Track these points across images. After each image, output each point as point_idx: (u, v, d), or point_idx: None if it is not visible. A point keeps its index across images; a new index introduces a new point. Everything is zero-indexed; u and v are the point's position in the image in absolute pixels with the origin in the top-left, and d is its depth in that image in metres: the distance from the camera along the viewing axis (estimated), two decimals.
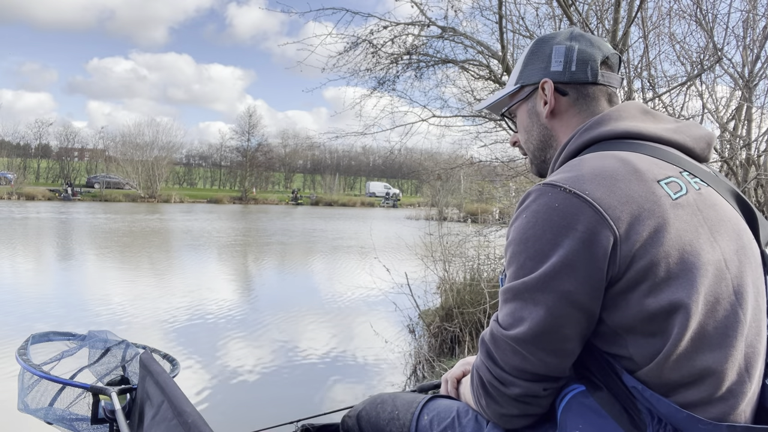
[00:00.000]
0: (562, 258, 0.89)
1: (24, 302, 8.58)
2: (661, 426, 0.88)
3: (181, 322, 7.75)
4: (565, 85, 1.12)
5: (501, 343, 0.95)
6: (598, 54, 1.12)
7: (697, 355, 0.89)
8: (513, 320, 0.94)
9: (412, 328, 7.14)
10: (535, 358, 0.92)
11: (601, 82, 1.12)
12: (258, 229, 24.37)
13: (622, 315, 0.90)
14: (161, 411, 1.34)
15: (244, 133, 57.43)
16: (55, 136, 56.83)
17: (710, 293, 0.90)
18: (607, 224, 0.88)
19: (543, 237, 0.91)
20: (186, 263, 14.12)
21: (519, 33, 6.49)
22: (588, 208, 0.89)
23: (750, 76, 5.30)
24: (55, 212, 28.50)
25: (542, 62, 1.14)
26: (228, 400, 5.16)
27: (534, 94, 1.16)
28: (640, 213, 0.89)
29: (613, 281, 0.89)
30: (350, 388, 5.64)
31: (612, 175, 0.92)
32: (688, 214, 0.92)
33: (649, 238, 0.88)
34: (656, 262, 0.88)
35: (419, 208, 35.55)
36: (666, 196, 0.92)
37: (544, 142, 1.17)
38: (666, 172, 0.96)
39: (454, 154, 10.62)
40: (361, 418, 1.27)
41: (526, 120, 1.19)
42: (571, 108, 1.13)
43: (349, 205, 51.29)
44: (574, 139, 1.07)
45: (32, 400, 1.63)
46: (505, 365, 0.95)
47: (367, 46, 6.91)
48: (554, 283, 0.89)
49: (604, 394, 0.92)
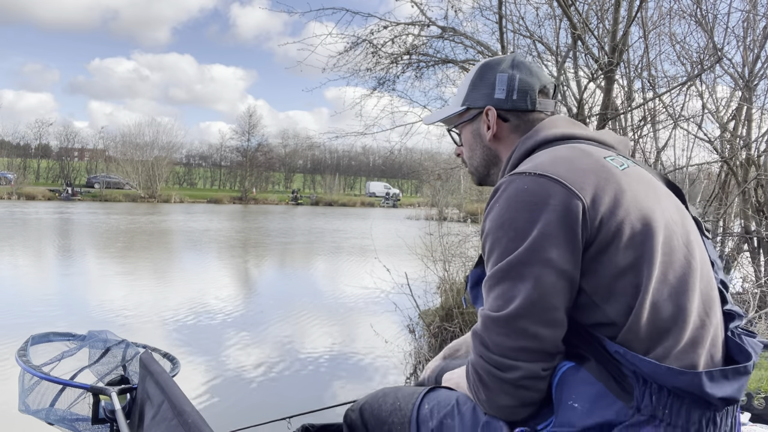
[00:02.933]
0: (541, 230, 0.96)
1: (24, 302, 8.58)
2: (647, 386, 0.93)
3: (181, 321, 7.75)
4: (506, 112, 1.24)
5: (493, 326, 0.98)
6: (537, 83, 1.24)
7: (663, 303, 0.97)
8: (503, 301, 0.98)
9: (412, 328, 7.14)
10: (528, 334, 0.96)
11: (538, 110, 1.24)
12: (258, 229, 24.37)
13: (598, 278, 0.97)
14: (161, 411, 1.34)
15: (244, 133, 57.44)
16: (55, 136, 56.81)
17: (666, 245, 1.00)
18: (575, 194, 0.97)
19: (520, 217, 0.99)
20: (186, 263, 14.13)
21: (519, 33, 6.49)
22: (555, 184, 0.99)
23: (750, 76, 5.30)
24: (55, 212, 28.50)
25: (487, 88, 1.26)
26: (228, 400, 5.16)
27: (478, 117, 1.28)
28: (599, 182, 1.00)
29: (587, 246, 0.97)
30: (350, 388, 5.64)
31: (567, 157, 1.05)
32: (635, 181, 1.04)
33: (611, 202, 0.98)
34: (621, 222, 0.97)
35: (419, 208, 35.54)
36: (615, 167, 1.05)
37: (487, 161, 1.30)
38: (606, 153, 1.10)
39: (454, 154, 10.63)
40: (364, 411, 1.29)
41: (470, 139, 1.31)
42: (511, 133, 1.25)
43: (349, 205, 51.28)
44: (517, 148, 1.19)
45: (33, 401, 1.63)
46: (502, 349, 0.98)
47: (368, 46, 6.91)
48: (538, 254, 0.96)
49: (592, 364, 0.98)
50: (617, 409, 0.94)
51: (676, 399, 0.92)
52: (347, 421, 1.33)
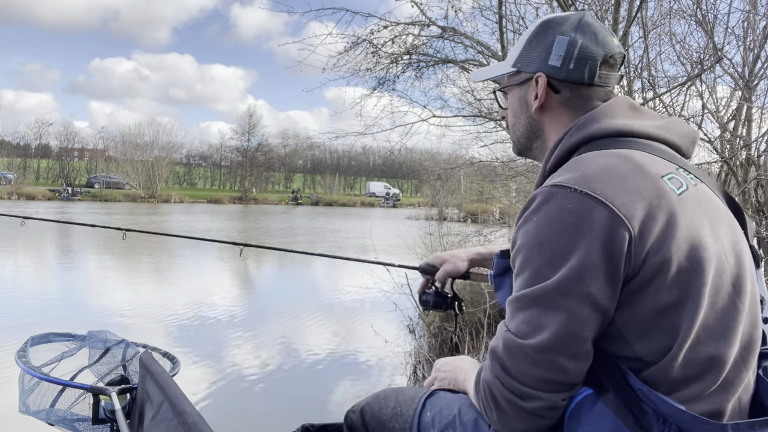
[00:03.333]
0: (582, 260, 0.87)
1: (23, 303, 8.58)
2: (666, 426, 0.88)
3: (181, 321, 7.75)
4: (559, 83, 1.10)
5: (518, 353, 0.91)
6: (600, 53, 1.07)
7: (700, 347, 0.90)
8: (531, 328, 0.90)
9: (412, 328, 7.14)
10: (556, 366, 0.89)
11: (597, 84, 1.09)
12: (258, 229, 24.36)
13: (633, 314, 0.90)
14: (161, 411, 1.34)
15: (244, 133, 57.50)
16: (55, 136, 56.93)
17: (714, 286, 0.91)
18: (622, 222, 0.87)
19: (559, 240, 0.89)
20: (186, 263, 14.13)
21: (519, 33, 6.49)
22: (601, 207, 0.88)
23: (750, 76, 5.29)
24: (56, 212, 28.49)
25: (542, 51, 1.11)
26: (228, 400, 5.16)
27: (528, 83, 1.15)
28: (650, 209, 0.89)
29: (628, 279, 0.89)
30: (350, 388, 5.64)
31: (620, 174, 0.92)
32: (692, 208, 0.93)
33: (661, 233, 0.88)
34: (669, 258, 0.88)
35: (419, 208, 35.56)
36: (671, 191, 0.92)
37: (531, 132, 1.17)
38: (666, 168, 0.97)
39: (454, 154, 10.63)
40: (365, 413, 1.26)
41: (516, 105, 1.19)
42: (561, 107, 1.12)
43: (349, 205, 51.27)
44: (566, 138, 1.06)
45: (33, 402, 1.63)
46: (524, 377, 0.91)
47: (368, 45, 6.91)
48: (575, 286, 0.87)
49: (611, 396, 0.92)
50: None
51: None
52: (348, 422, 1.30)
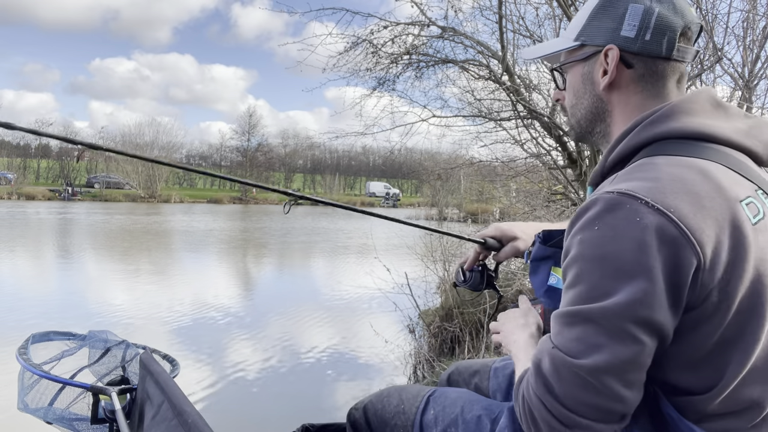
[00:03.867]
0: (648, 282, 0.79)
1: (24, 302, 8.58)
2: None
3: (181, 322, 7.75)
4: (633, 56, 0.97)
5: (567, 373, 0.81)
6: (679, 23, 0.96)
7: (744, 388, 0.86)
8: (585, 347, 0.80)
9: (412, 328, 7.14)
10: (611, 393, 0.80)
11: (675, 58, 0.97)
12: (258, 229, 24.36)
13: (685, 345, 0.84)
14: (161, 411, 1.34)
15: (244, 133, 57.55)
16: None
17: None
18: (693, 248, 0.79)
19: (623, 256, 0.80)
20: (186, 263, 14.12)
21: (519, 33, 6.49)
22: (673, 228, 0.79)
23: (750, 76, 5.29)
24: (56, 212, 28.50)
25: (612, 20, 0.98)
26: (228, 400, 5.16)
27: (594, 58, 1.01)
28: (724, 239, 0.81)
29: (688, 309, 0.82)
30: (350, 388, 5.64)
31: (696, 192, 0.83)
32: (764, 241, 0.85)
33: (730, 266, 0.81)
34: (733, 294, 0.82)
35: (419, 208, 35.55)
36: (747, 220, 0.84)
37: (594, 114, 1.05)
38: (745, 190, 0.87)
39: (454, 154, 10.61)
40: (368, 411, 1.25)
41: (578, 84, 1.06)
42: (633, 84, 0.99)
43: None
44: (635, 133, 0.94)
45: (32, 400, 1.63)
46: (572, 402, 0.81)
47: (368, 46, 6.91)
48: (640, 309, 0.79)
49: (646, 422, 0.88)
50: None
51: None
52: (350, 420, 1.29)
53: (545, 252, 1.08)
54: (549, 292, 1.11)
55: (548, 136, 6.46)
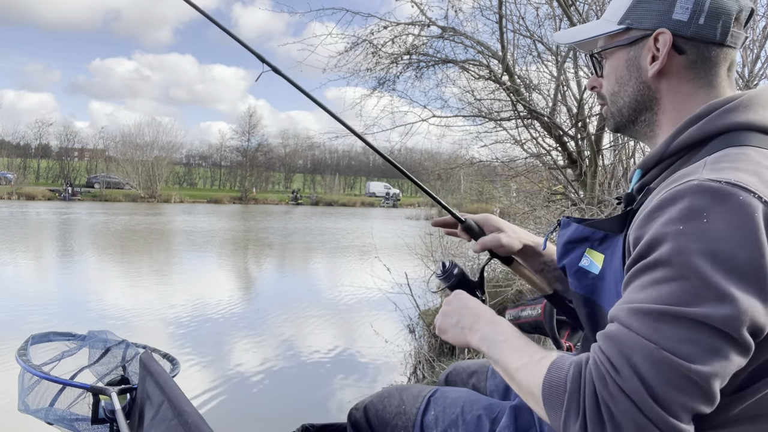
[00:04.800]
0: (765, 286, 0.72)
1: (24, 302, 8.58)
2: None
3: (181, 321, 7.75)
4: (685, 41, 0.91)
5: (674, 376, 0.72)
6: (734, 6, 0.90)
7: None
8: (700, 351, 0.72)
9: (412, 328, 7.14)
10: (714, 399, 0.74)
11: (728, 44, 0.91)
12: (259, 229, 24.37)
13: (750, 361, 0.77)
14: (161, 411, 1.34)
15: (244, 133, 57.56)
16: (56, 136, 56.90)
17: None
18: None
19: (740, 255, 0.72)
20: (186, 263, 14.13)
21: (519, 33, 6.49)
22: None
23: (750, 76, 5.29)
24: (56, 212, 28.51)
25: (663, 3, 0.92)
26: (228, 400, 5.16)
27: (641, 42, 0.95)
28: None
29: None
30: (350, 388, 5.64)
31: None
32: None
33: None
34: None
35: (419, 208, 35.54)
36: None
37: (640, 102, 0.98)
38: None
39: (454, 154, 10.62)
40: (369, 411, 1.24)
41: (622, 70, 0.99)
42: (685, 71, 0.93)
43: (349, 205, 51.29)
44: (709, 119, 0.88)
45: (33, 401, 1.63)
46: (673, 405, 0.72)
47: (368, 46, 6.92)
48: (758, 316, 0.72)
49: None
50: None
51: None
52: (351, 420, 1.28)
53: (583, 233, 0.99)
54: (579, 273, 1.02)
55: (548, 136, 6.46)
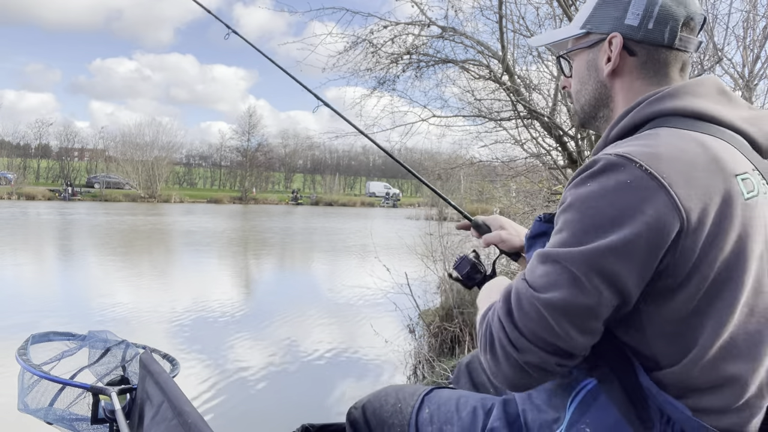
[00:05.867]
0: (621, 239, 0.82)
1: (24, 302, 8.58)
2: (669, 426, 0.87)
3: (181, 321, 7.75)
4: (636, 44, 1.01)
5: (527, 303, 0.86)
6: (682, 13, 1.00)
7: (723, 364, 0.87)
8: (547, 283, 0.85)
9: (412, 328, 7.14)
10: (560, 330, 0.85)
11: (677, 47, 1.01)
12: (259, 229, 24.37)
13: (662, 311, 0.86)
14: (161, 411, 1.34)
15: (244, 133, 57.52)
16: (56, 136, 56.84)
17: (747, 304, 0.88)
18: (678, 213, 0.82)
19: (606, 212, 0.84)
20: (187, 263, 14.12)
21: (519, 33, 6.49)
22: (662, 192, 0.83)
23: (750, 76, 5.29)
24: (56, 212, 28.50)
25: (617, 9, 1.02)
26: (228, 400, 5.16)
27: (599, 45, 1.06)
28: (712, 209, 0.84)
29: (667, 274, 0.84)
30: (350, 388, 5.64)
31: (692, 161, 0.86)
32: (753, 218, 0.88)
33: (711, 236, 0.84)
34: (712, 264, 0.84)
35: (419, 208, 35.53)
36: (739, 194, 0.87)
37: (598, 100, 1.08)
38: (744, 167, 0.90)
39: (454, 154, 10.61)
40: (366, 410, 1.27)
41: (583, 71, 1.10)
42: (636, 70, 1.03)
43: (349, 205, 51.29)
44: (640, 107, 0.98)
45: (32, 400, 1.63)
46: (526, 330, 0.86)
47: (367, 45, 6.91)
48: (604, 262, 0.82)
49: (616, 389, 0.90)
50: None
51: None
52: (350, 419, 1.30)
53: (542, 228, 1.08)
54: None
55: (548, 136, 6.46)
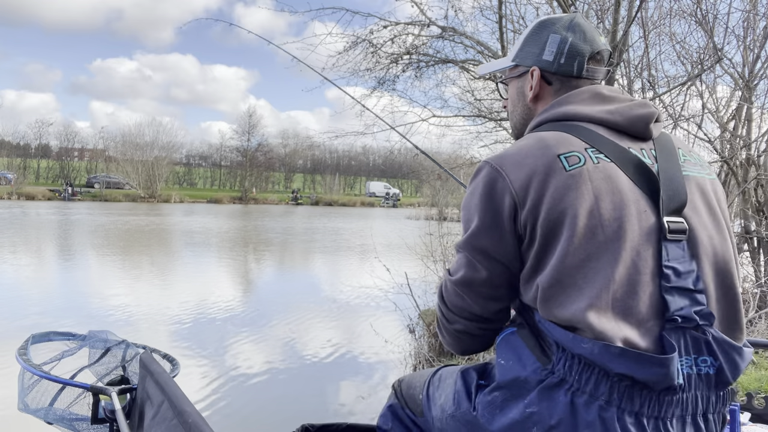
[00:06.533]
0: (480, 221, 1.12)
1: (24, 302, 8.58)
2: (564, 354, 1.03)
3: (181, 321, 7.75)
4: (551, 75, 1.27)
5: (448, 285, 1.19)
6: (588, 50, 1.25)
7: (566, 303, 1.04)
8: (455, 268, 1.18)
9: (412, 328, 7.14)
10: (470, 300, 1.16)
11: (584, 76, 1.26)
12: (259, 228, 24.36)
13: (530, 267, 1.10)
14: (161, 411, 1.34)
15: (244, 133, 57.49)
16: (56, 135, 56.84)
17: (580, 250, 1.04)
18: (510, 192, 1.09)
19: (471, 205, 1.14)
20: (187, 263, 14.13)
21: (519, 33, 6.49)
22: (501, 179, 1.11)
23: (750, 76, 5.29)
24: (56, 212, 28.50)
25: (537, 47, 1.28)
26: (228, 400, 5.16)
27: (525, 75, 1.31)
28: (534, 182, 1.08)
29: (521, 240, 1.10)
30: (350, 388, 5.65)
31: (525, 151, 1.13)
32: (578, 183, 1.07)
33: (538, 202, 1.07)
34: (544, 223, 1.06)
35: (419, 208, 35.53)
36: (561, 168, 1.08)
37: (525, 119, 1.34)
38: (570, 147, 1.12)
39: (455, 154, 10.62)
40: (402, 383, 1.52)
41: (514, 95, 1.36)
42: (551, 96, 1.28)
43: (349, 204, 51.29)
44: (532, 121, 1.27)
45: (32, 400, 1.63)
46: (450, 305, 1.20)
47: (367, 45, 6.91)
48: (475, 241, 1.13)
49: (525, 332, 1.13)
50: (534, 369, 1.06)
51: (586, 367, 1.01)
52: (393, 388, 1.55)
53: None
54: None
55: None
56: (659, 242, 1.07)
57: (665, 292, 1.04)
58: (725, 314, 1.10)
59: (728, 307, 1.11)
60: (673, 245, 1.08)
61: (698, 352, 1.04)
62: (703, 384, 1.04)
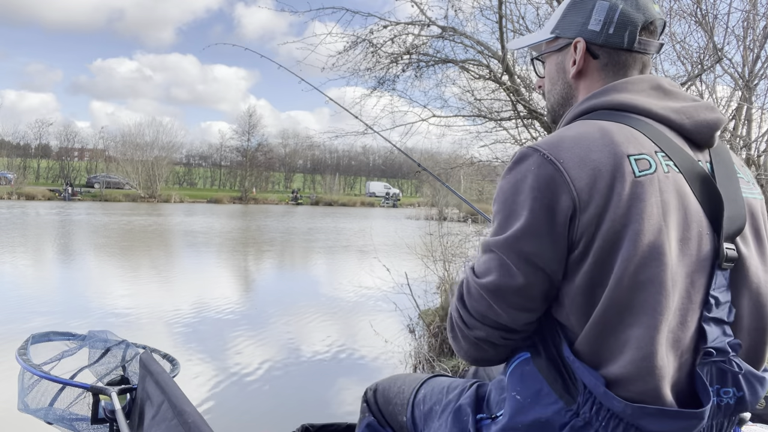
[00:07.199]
0: (528, 221, 0.95)
1: (24, 302, 8.58)
2: (591, 397, 0.93)
3: (181, 321, 7.75)
4: (598, 48, 1.11)
5: (472, 288, 1.02)
6: (640, 18, 1.08)
7: (620, 329, 0.93)
8: (484, 270, 1.00)
9: (412, 328, 7.14)
10: (498, 308, 0.99)
11: (636, 50, 1.09)
12: (259, 229, 24.36)
13: (573, 283, 0.95)
14: (161, 411, 1.34)
15: (244, 133, 57.50)
16: (56, 135, 56.85)
17: (641, 272, 0.92)
18: (571, 193, 0.93)
19: (516, 199, 0.97)
20: (187, 263, 14.12)
21: (519, 33, 6.48)
22: (558, 174, 0.94)
23: (750, 76, 5.29)
24: (56, 212, 28.50)
25: (582, 16, 1.12)
26: (228, 400, 5.16)
27: (566, 49, 1.15)
28: (600, 185, 0.92)
29: (572, 249, 0.94)
30: (350, 388, 5.64)
31: (586, 144, 0.96)
32: (647, 193, 0.93)
33: (602, 210, 0.92)
34: (604, 235, 0.92)
35: (419, 207, 35.54)
36: (630, 172, 0.94)
37: (564, 99, 1.18)
38: (640, 148, 0.97)
39: (455, 154, 10.61)
40: (377, 391, 1.42)
41: (553, 72, 1.20)
42: (598, 72, 1.12)
43: (349, 204, 51.28)
44: (580, 104, 1.10)
45: (32, 400, 1.63)
46: (473, 310, 1.02)
47: (367, 45, 6.91)
48: (517, 244, 0.96)
49: (542, 361, 1.00)
50: (556, 410, 0.95)
51: (614, 417, 0.92)
52: (365, 397, 1.45)
53: None
54: None
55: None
56: (712, 269, 0.97)
57: (704, 322, 0.96)
58: (752, 344, 1.03)
59: (757, 337, 1.03)
60: (721, 273, 0.98)
61: (722, 383, 0.98)
62: (722, 413, 0.99)
